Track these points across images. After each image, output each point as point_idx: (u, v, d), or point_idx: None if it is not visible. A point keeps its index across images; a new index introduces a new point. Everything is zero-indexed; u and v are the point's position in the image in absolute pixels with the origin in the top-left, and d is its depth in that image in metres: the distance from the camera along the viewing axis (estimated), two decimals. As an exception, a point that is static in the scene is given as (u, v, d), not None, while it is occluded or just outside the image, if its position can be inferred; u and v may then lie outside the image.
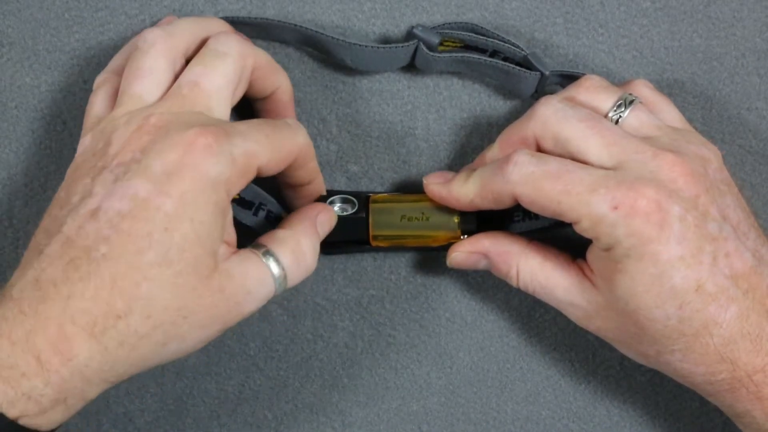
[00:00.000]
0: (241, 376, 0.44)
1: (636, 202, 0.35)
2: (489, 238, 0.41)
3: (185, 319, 0.33)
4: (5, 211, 0.44)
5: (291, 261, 0.37)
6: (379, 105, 0.45)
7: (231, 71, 0.37)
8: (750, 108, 0.45)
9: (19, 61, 0.44)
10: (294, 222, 0.39)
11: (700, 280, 0.35)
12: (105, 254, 0.32)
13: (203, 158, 0.33)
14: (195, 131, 0.33)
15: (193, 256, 0.33)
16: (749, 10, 0.45)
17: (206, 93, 0.36)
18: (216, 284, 0.34)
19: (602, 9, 0.45)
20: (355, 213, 0.42)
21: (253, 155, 0.35)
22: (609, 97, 0.39)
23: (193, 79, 0.36)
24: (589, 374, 0.45)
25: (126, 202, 0.32)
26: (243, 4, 0.44)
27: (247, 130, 0.35)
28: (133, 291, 0.32)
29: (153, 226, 0.32)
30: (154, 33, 0.37)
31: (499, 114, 0.45)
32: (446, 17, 0.45)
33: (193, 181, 0.33)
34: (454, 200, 0.40)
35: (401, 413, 0.45)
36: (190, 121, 0.34)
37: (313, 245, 0.38)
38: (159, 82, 0.37)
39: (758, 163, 0.45)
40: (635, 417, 0.45)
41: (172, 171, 0.33)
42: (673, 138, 0.38)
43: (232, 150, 0.34)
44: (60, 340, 0.31)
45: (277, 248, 0.37)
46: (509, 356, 0.45)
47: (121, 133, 0.35)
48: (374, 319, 0.45)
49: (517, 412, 0.45)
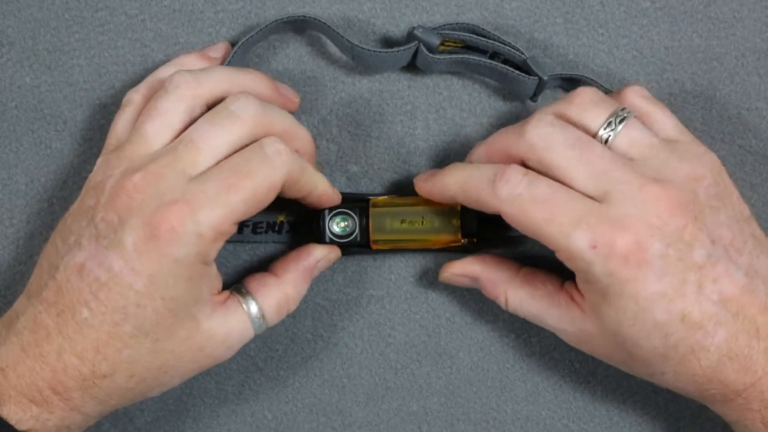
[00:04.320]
0: (241, 376, 0.44)
1: (615, 242, 0.34)
2: (480, 263, 0.41)
3: (166, 374, 0.37)
4: (5, 211, 0.44)
5: (274, 312, 0.39)
6: (379, 105, 0.45)
7: (236, 135, 0.36)
8: (750, 108, 0.45)
9: (19, 61, 0.44)
10: (288, 268, 0.41)
11: (685, 310, 0.35)
12: (87, 319, 0.35)
13: (167, 243, 0.34)
14: (160, 213, 0.34)
15: (168, 327, 0.35)
16: (749, 10, 0.45)
17: (198, 150, 0.36)
18: (196, 344, 0.37)
19: (602, 9, 0.45)
20: (355, 230, 0.42)
21: (223, 222, 0.35)
22: (600, 113, 0.38)
23: (193, 137, 0.36)
24: (589, 374, 0.45)
25: (103, 271, 0.34)
26: (243, 4, 0.44)
27: (214, 194, 0.35)
28: (116, 356, 0.35)
29: (126, 302, 0.34)
30: (182, 77, 0.38)
31: (499, 114, 0.45)
32: (446, 17, 0.45)
33: (160, 264, 0.34)
34: (437, 191, 0.40)
35: (401, 413, 0.45)
36: (164, 191, 0.35)
37: (300, 294, 0.41)
38: (171, 126, 0.37)
39: (758, 163, 0.45)
40: (635, 417, 0.45)
41: (141, 250, 0.34)
42: (665, 159, 0.37)
43: (198, 227, 0.34)
44: (56, 385, 0.35)
45: (263, 298, 0.39)
46: (509, 356, 0.45)
47: (112, 185, 0.36)
48: (374, 319, 0.45)
49: (517, 412, 0.45)
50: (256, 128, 0.37)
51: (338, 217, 0.42)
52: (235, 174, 0.35)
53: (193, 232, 0.34)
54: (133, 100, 0.40)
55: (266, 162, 0.36)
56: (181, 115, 0.37)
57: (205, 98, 0.38)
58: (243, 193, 0.35)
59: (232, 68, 0.40)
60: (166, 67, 0.42)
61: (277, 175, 0.36)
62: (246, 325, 0.39)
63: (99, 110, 0.44)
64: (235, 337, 0.38)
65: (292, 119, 0.39)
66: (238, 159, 0.36)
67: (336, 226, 0.42)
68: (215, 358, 0.38)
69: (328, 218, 0.42)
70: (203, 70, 0.39)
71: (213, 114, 0.37)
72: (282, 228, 0.44)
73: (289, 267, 0.41)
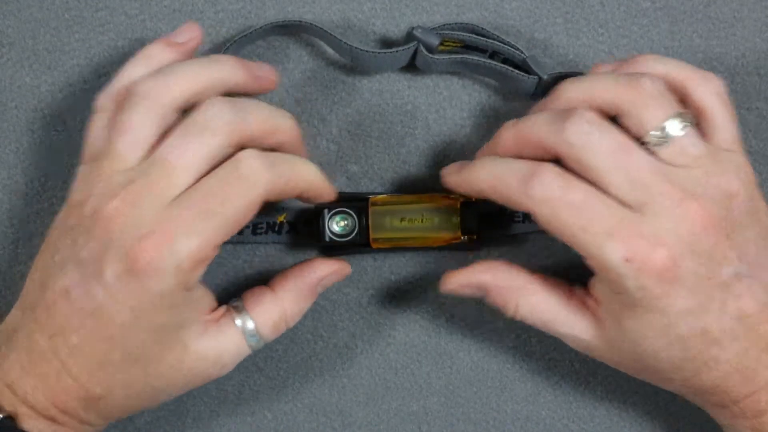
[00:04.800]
0: (241, 376, 0.44)
1: (650, 257, 0.34)
2: (489, 271, 0.39)
3: (163, 392, 0.37)
4: (5, 211, 0.44)
5: (270, 329, 0.39)
6: (379, 105, 0.45)
7: (211, 148, 0.35)
8: (750, 108, 0.45)
9: (19, 61, 0.44)
10: (288, 285, 0.39)
11: (707, 326, 0.35)
12: (77, 345, 0.35)
13: (147, 277, 0.33)
14: (138, 246, 0.33)
15: (156, 354, 0.35)
16: (749, 10, 0.45)
17: (173, 170, 0.34)
18: (186, 368, 0.36)
19: (602, 9, 0.45)
20: (354, 229, 0.42)
21: (201, 249, 0.34)
22: (658, 114, 0.35)
23: (166, 156, 0.35)
24: (589, 374, 0.45)
25: (88, 301, 0.34)
26: (243, 4, 0.44)
27: (191, 222, 0.34)
28: (109, 380, 0.35)
29: (113, 331, 0.34)
30: (147, 84, 0.36)
31: (499, 114, 0.45)
32: (446, 17, 0.45)
33: (141, 297, 0.34)
34: (465, 185, 0.38)
35: (401, 413, 0.44)
36: (141, 220, 0.34)
37: (301, 310, 0.40)
38: (142, 140, 0.35)
39: (758, 163, 0.45)
40: (635, 417, 0.45)
41: (121, 283, 0.34)
42: (707, 171, 0.35)
43: (177, 258, 0.33)
44: (60, 404, 0.35)
45: (260, 314, 0.38)
46: (509, 356, 0.45)
47: (91, 212, 0.35)
48: (374, 319, 0.45)
49: (517, 412, 0.45)
50: (231, 136, 0.35)
51: (338, 217, 0.42)
52: (212, 198, 0.34)
53: (172, 263, 0.33)
54: (105, 107, 0.37)
55: (242, 182, 0.34)
56: (151, 128, 0.35)
57: (175, 104, 0.36)
58: (220, 218, 0.34)
59: (201, 61, 0.38)
60: (133, 63, 0.39)
61: (254, 194, 0.34)
62: (240, 343, 0.38)
63: (99, 110, 0.44)
64: (228, 357, 0.37)
65: (269, 112, 0.37)
66: (214, 181, 0.34)
67: (336, 225, 0.42)
68: (209, 376, 0.37)
69: (327, 218, 0.42)
70: (170, 70, 0.37)
71: (185, 128, 0.35)
72: (282, 228, 0.44)
73: (289, 283, 0.39)
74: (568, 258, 0.44)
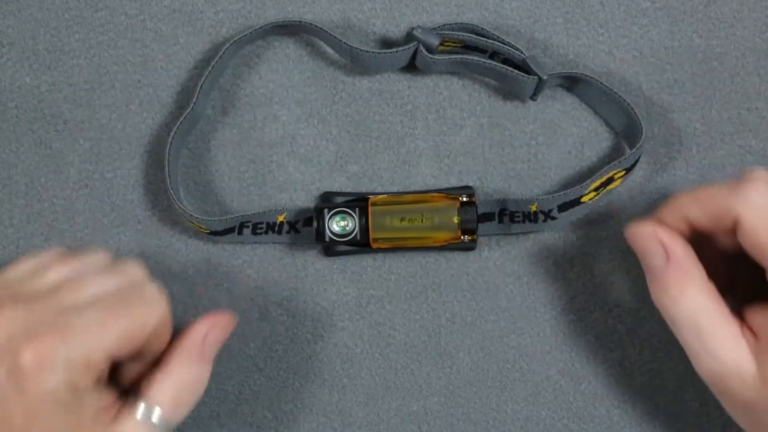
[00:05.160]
0: (241, 376, 0.44)
1: None
2: (683, 246, 0.36)
3: None
4: (5, 211, 0.44)
5: (172, 407, 0.37)
6: (379, 105, 0.45)
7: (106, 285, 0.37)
8: (750, 108, 0.45)
9: (19, 61, 0.44)
10: (174, 357, 0.38)
11: None
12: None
13: (36, 377, 0.33)
14: (29, 347, 0.33)
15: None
16: (749, 10, 0.45)
17: (82, 288, 0.36)
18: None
19: (602, 9, 0.45)
20: (354, 229, 0.42)
21: (94, 351, 0.34)
22: None
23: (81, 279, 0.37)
24: (589, 374, 0.45)
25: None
26: (243, 4, 0.44)
27: (87, 327, 0.34)
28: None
29: (11, 428, 0.33)
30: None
31: (498, 114, 0.45)
32: (446, 17, 0.45)
33: (33, 398, 0.33)
34: (664, 215, 0.36)
35: (401, 413, 0.44)
36: (37, 322, 0.34)
37: (201, 376, 0.38)
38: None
39: (758, 163, 0.45)
40: (635, 417, 0.45)
41: (12, 383, 0.33)
42: None
43: (68, 354, 0.34)
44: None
45: (156, 395, 0.37)
46: (509, 356, 0.45)
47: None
48: (374, 319, 0.45)
49: (517, 412, 0.45)
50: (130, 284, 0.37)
51: (338, 217, 0.42)
52: (112, 310, 0.35)
53: (63, 359, 0.33)
54: None
55: (144, 304, 0.36)
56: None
57: None
58: (117, 330, 0.35)
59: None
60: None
61: (153, 317, 0.36)
62: (143, 429, 0.36)
63: (99, 110, 0.44)
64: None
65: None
66: (117, 297, 0.36)
67: (336, 225, 0.42)
68: None
69: (327, 218, 0.42)
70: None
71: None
72: (282, 228, 0.44)
73: (175, 352, 0.38)
74: (568, 258, 0.44)
